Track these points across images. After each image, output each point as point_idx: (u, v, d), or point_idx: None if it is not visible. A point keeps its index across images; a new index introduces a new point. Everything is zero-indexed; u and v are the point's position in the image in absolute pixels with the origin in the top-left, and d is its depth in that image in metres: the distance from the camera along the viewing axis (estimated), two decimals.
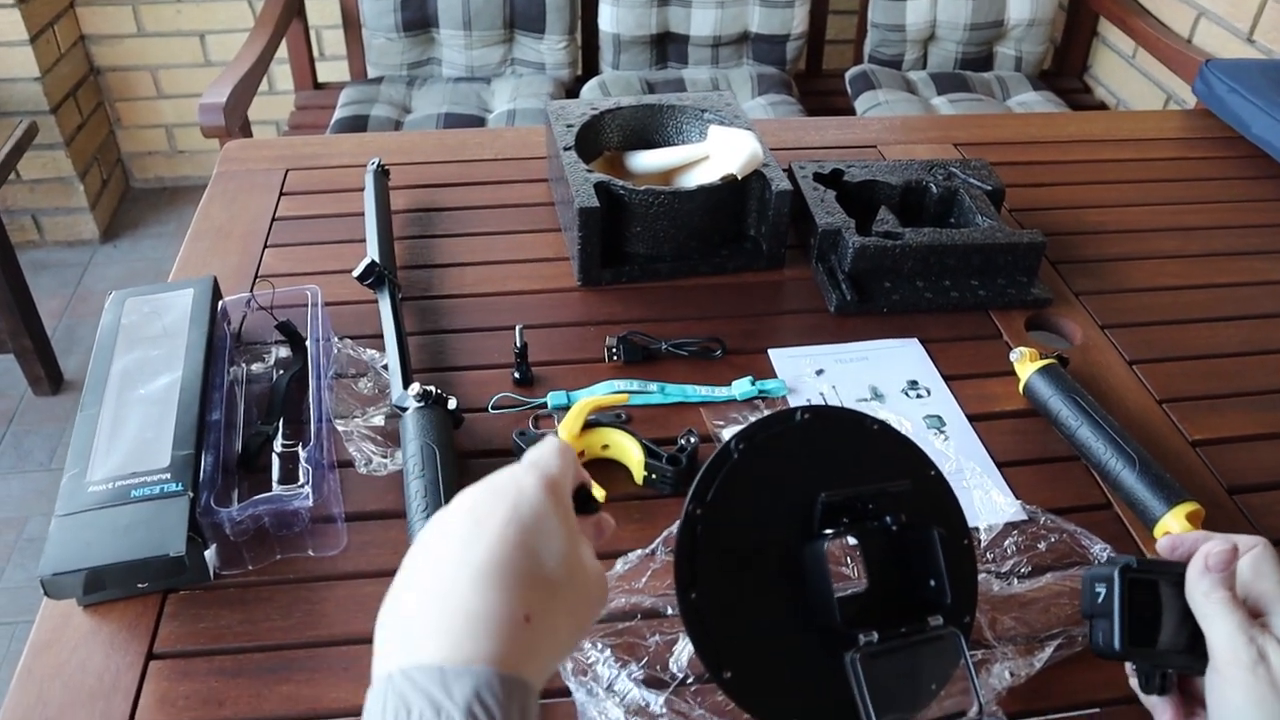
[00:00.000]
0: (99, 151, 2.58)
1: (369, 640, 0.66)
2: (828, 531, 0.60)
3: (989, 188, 1.06)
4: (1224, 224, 1.15)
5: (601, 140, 1.07)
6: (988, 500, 0.76)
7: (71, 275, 2.47)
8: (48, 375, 2.08)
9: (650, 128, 1.09)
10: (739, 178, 0.96)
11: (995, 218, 1.01)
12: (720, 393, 0.86)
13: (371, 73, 2.11)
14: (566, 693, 0.62)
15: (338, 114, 1.95)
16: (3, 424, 2.05)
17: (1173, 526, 0.73)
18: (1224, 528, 0.76)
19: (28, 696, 0.63)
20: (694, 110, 1.07)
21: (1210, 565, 0.56)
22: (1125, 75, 2.17)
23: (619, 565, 0.69)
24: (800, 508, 0.60)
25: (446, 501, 0.68)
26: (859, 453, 0.64)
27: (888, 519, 0.61)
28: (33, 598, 0.68)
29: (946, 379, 0.90)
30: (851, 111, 2.04)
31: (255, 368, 0.86)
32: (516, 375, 0.86)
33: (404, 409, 0.76)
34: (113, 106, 2.63)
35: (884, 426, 0.64)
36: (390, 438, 0.80)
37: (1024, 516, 0.75)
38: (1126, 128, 1.34)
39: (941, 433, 0.84)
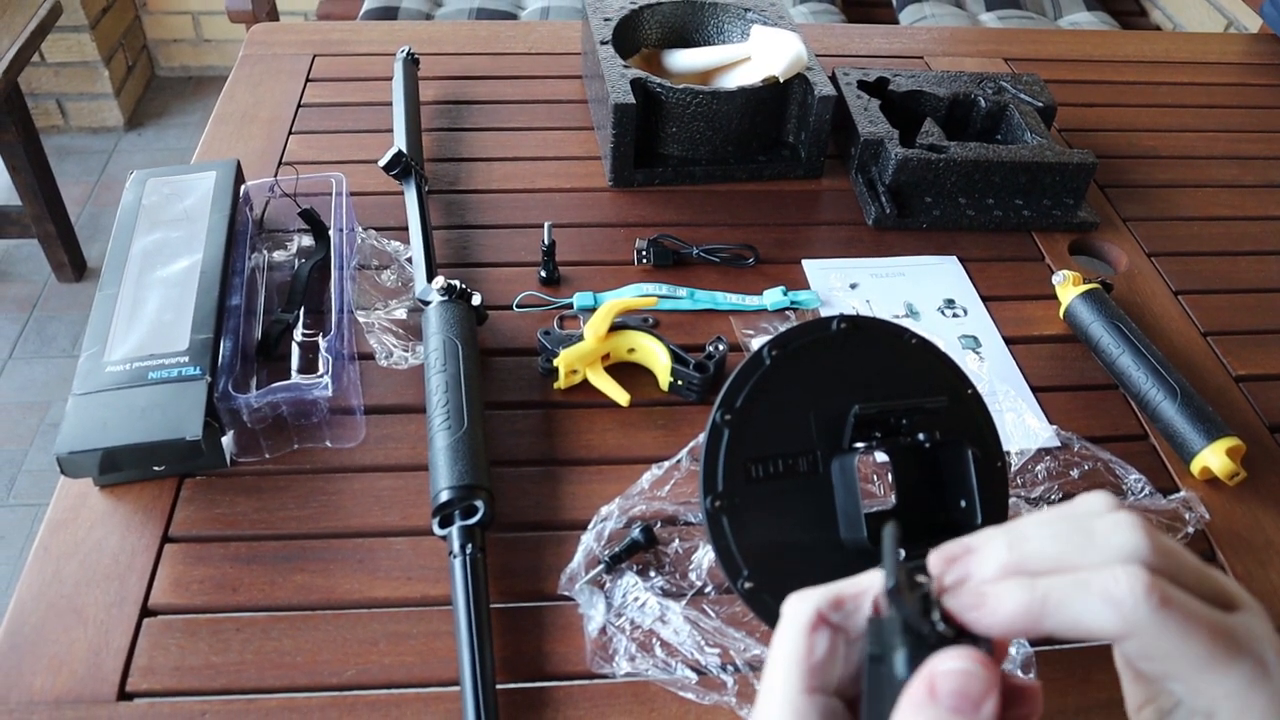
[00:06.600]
0: (124, 37, 2.54)
1: (384, 534, 0.67)
2: (858, 445, 0.58)
3: (1040, 104, 1.01)
4: None
5: (639, 37, 1.03)
6: (1021, 424, 0.74)
7: (96, 162, 2.45)
8: (71, 262, 2.08)
9: (690, 26, 1.04)
10: (781, 80, 0.93)
11: (1045, 135, 0.97)
12: (751, 302, 0.83)
13: None
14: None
15: (367, 3, 1.90)
16: (26, 309, 2.05)
17: (1211, 461, 0.71)
18: (1264, 466, 0.74)
19: (44, 573, 0.62)
20: (737, 9, 1.02)
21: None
22: None
23: (645, 478, 0.68)
24: (831, 420, 0.59)
25: (467, 397, 0.68)
26: (895, 367, 0.62)
27: (921, 436, 0.59)
28: (56, 481, 0.67)
29: (984, 299, 0.87)
30: (896, 24, 1.96)
31: (277, 255, 0.84)
32: (543, 274, 0.84)
33: (427, 303, 0.74)
34: None
35: (923, 341, 0.62)
36: (412, 331, 0.78)
37: (1058, 443, 0.73)
38: (1187, 50, 1.28)
39: (977, 353, 0.81)
